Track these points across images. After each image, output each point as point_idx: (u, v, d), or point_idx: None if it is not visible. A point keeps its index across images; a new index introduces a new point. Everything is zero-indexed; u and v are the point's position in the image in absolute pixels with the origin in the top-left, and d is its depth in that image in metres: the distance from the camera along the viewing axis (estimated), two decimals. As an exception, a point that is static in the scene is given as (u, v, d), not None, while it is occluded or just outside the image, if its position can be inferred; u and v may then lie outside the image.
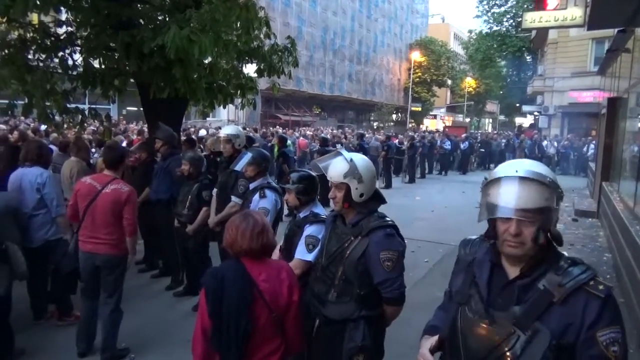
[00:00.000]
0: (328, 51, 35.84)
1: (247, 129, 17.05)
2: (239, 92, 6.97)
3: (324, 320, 2.47)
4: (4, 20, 5.53)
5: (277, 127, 22.47)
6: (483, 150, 22.53)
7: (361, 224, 2.39)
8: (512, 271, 1.52)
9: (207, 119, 21.28)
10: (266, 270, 2.11)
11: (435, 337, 1.73)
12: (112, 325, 3.88)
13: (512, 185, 1.45)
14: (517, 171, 1.46)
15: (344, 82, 38.28)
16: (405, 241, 2.49)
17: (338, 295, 2.42)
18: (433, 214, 10.70)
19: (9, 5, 4.43)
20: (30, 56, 5.74)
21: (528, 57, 36.60)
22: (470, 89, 49.36)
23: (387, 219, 2.42)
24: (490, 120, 63.75)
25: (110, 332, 3.87)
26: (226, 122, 24.16)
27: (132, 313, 4.51)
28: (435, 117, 53.28)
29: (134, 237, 3.93)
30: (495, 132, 35.50)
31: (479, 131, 38.43)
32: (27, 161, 4.23)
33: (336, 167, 2.45)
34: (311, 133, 20.80)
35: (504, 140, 24.14)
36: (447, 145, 20.03)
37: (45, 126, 8.80)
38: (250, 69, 7.18)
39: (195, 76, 5.77)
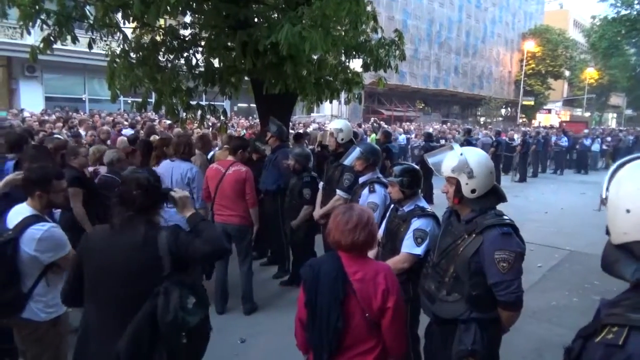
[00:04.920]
0: (433, 44, 34.87)
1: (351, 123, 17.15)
2: (345, 87, 7.06)
3: (434, 318, 2.42)
4: (139, 25, 6.16)
5: (374, 121, 22.14)
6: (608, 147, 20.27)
7: (475, 221, 2.30)
8: None
9: (312, 114, 21.80)
10: (363, 270, 2.06)
11: None
12: (248, 282, 4.82)
13: None
14: None
15: (449, 75, 37.00)
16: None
17: (448, 294, 2.35)
18: (547, 216, 9.94)
19: (144, 11, 4.92)
20: (160, 57, 6.34)
21: (664, 43, 32.36)
22: (592, 80, 44.99)
23: (505, 217, 2.29)
24: (615, 114, 57.62)
25: (247, 287, 4.81)
26: (329, 117, 24.58)
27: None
28: (549, 111, 49.27)
29: (255, 209, 4.73)
30: (622, 128, 31.99)
31: (601, 127, 34.91)
32: (177, 155, 4.72)
33: (446, 161, 2.40)
34: (414, 128, 20.38)
35: (630, 137, 21.39)
36: (564, 142, 18.39)
37: (170, 121, 9.67)
38: (356, 64, 7.23)
39: (304, 72, 5.95)
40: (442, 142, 14.74)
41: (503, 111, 44.49)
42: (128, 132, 10.43)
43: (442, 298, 2.37)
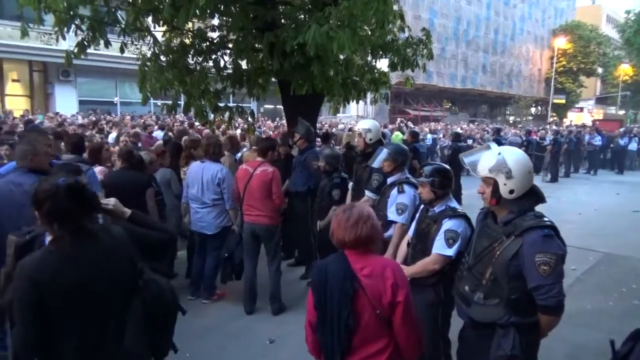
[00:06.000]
0: (461, 42, 34.38)
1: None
2: (371, 87, 7.01)
3: (470, 322, 2.37)
4: (169, 28, 6.27)
5: (401, 122, 21.87)
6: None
7: (514, 223, 2.24)
8: None
9: (337, 114, 21.77)
10: (370, 265, 2.05)
11: None
12: (276, 281, 4.82)
13: None
14: None
15: (477, 74, 36.41)
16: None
17: (485, 297, 2.30)
18: (581, 217, 9.65)
19: (173, 14, 5.00)
20: (189, 60, 6.43)
21: None
22: (626, 77, 43.55)
23: (545, 219, 2.23)
24: (652, 112, 55.67)
25: (275, 286, 4.81)
26: (355, 117, 24.48)
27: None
28: (581, 110, 47.90)
29: (282, 207, 4.82)
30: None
31: (637, 125, 33.70)
32: (207, 156, 4.81)
33: (482, 161, 2.35)
34: (441, 128, 20.10)
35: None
36: (598, 141, 17.84)
37: (198, 123, 9.81)
38: (383, 64, 7.18)
39: (331, 72, 5.94)
40: (470, 142, 14.52)
41: (533, 110, 43.56)
42: (159, 134, 10.65)
43: (479, 301, 2.32)
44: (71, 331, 1.90)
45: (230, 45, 6.48)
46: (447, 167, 3.20)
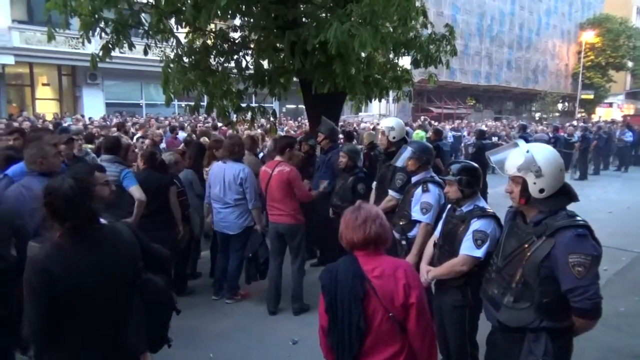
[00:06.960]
0: (484, 38, 33.76)
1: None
2: (394, 84, 6.93)
3: (499, 326, 2.29)
4: (191, 30, 6.31)
5: (424, 120, 21.59)
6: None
7: (545, 223, 2.15)
8: None
9: (359, 113, 21.66)
10: (381, 266, 2.00)
11: None
12: (299, 281, 4.79)
13: None
14: None
15: (501, 70, 35.71)
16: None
17: (515, 301, 2.21)
18: (612, 216, 9.34)
19: (195, 15, 5.03)
20: (211, 60, 6.47)
21: None
22: (659, 70, 42.15)
23: (578, 218, 2.13)
24: (686, 107, 53.75)
25: (298, 285, 4.79)
26: (378, 116, 24.35)
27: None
28: (610, 105, 46.51)
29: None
30: None
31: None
32: (229, 156, 4.83)
33: (510, 159, 2.26)
34: (465, 125, 19.79)
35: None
36: (629, 137, 17.28)
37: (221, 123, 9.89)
38: (405, 61, 7.09)
39: (353, 70, 5.88)
40: (495, 139, 14.25)
41: (560, 106, 42.49)
42: (183, 135, 10.78)
43: (509, 305, 2.24)
44: (78, 326, 1.94)
45: (252, 45, 6.50)
46: (476, 165, 3.10)
